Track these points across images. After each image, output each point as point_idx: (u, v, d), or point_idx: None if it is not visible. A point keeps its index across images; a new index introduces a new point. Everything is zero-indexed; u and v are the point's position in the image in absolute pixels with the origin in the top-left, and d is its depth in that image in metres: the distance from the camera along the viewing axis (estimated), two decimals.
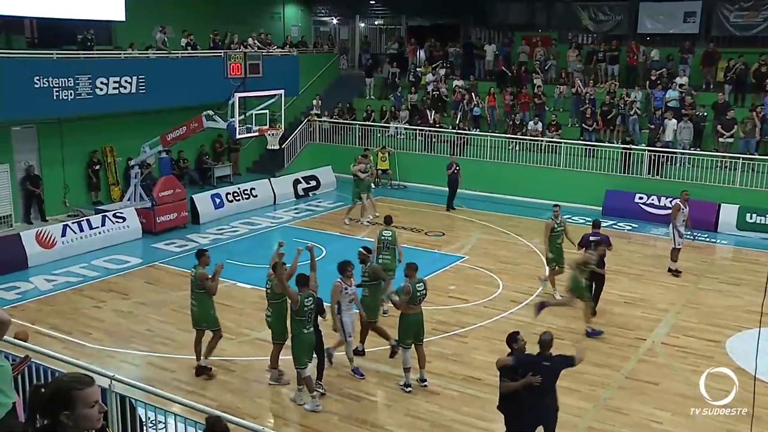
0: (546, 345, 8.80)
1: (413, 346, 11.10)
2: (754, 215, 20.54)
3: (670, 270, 17.01)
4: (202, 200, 21.51)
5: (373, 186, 26.08)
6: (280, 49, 29.18)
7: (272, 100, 19.74)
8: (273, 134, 19.62)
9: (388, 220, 14.61)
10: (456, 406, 10.68)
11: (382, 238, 13.86)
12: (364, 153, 22.97)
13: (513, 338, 9.00)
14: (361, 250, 12.15)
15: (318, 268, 11.21)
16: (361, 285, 11.84)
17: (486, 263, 17.38)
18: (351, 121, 28.57)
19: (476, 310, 14.31)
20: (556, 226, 15.12)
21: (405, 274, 11.11)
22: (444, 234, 20.02)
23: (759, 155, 22.11)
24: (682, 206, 16.76)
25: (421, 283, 11.05)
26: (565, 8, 31.26)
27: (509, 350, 8.93)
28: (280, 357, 11.31)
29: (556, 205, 15.62)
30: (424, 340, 11.40)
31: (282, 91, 20.05)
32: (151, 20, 24.65)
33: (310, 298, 10.37)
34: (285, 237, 19.81)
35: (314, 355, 10.71)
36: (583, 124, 24.94)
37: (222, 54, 20.73)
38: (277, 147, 20.96)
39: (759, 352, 11.31)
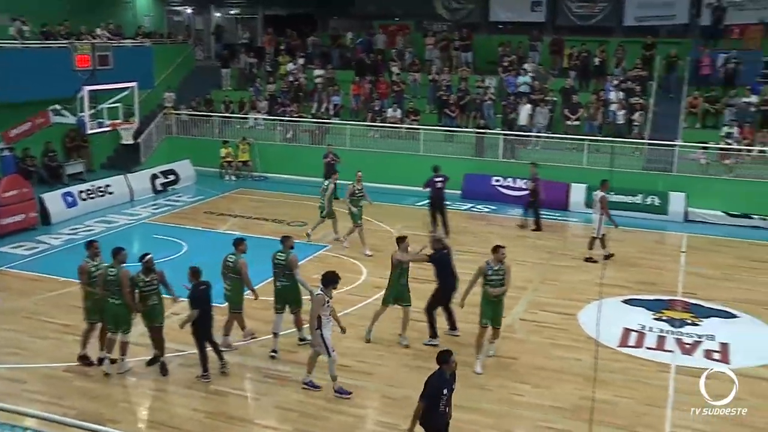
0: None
1: (289, 312, 12.12)
2: None
3: (589, 259, 17.18)
4: (53, 199, 20.41)
5: (234, 179, 25.84)
6: (131, 40, 28.09)
7: (125, 93, 19.07)
8: (126, 128, 18.96)
9: (359, 177, 17.80)
10: (325, 394, 10.71)
11: (357, 191, 17.52)
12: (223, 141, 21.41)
13: (441, 359, 8.46)
14: (149, 258, 11.24)
15: (180, 264, 12.08)
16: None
17: (349, 251, 17.53)
18: (209, 113, 27.97)
19: (341, 298, 14.28)
20: (490, 272, 11.56)
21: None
22: (307, 224, 19.99)
23: (602, 137, 23.43)
24: (607, 197, 17.26)
25: (283, 255, 11.93)
26: None
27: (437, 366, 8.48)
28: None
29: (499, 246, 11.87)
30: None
31: (135, 84, 19.39)
32: None
33: (114, 269, 10.89)
34: (144, 233, 19.32)
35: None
36: (446, 110, 25.55)
37: (68, 45, 19.71)
38: (132, 141, 20.30)
39: (602, 321, 12.15)
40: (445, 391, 8.29)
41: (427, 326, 12.54)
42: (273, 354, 11.88)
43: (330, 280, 10.60)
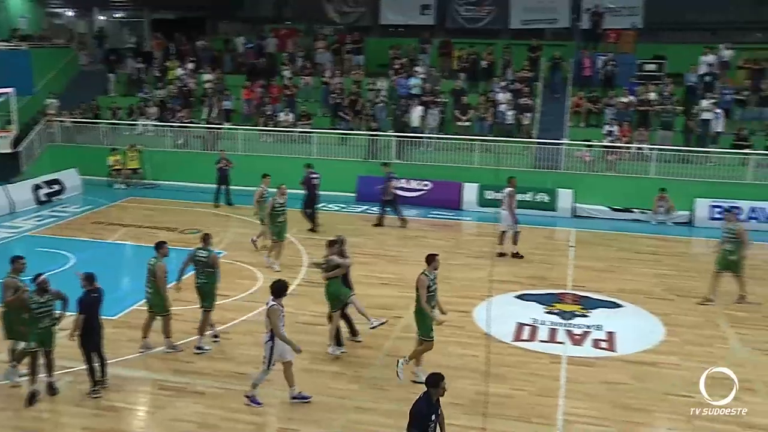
0: None
1: (201, 309, 12.31)
2: (491, 192, 22.33)
3: (513, 255, 17.70)
4: None
5: (125, 187, 25.06)
6: (6, 43, 26.75)
7: (0, 99, 18.15)
8: (3, 136, 18.07)
9: (282, 190, 16.54)
10: (224, 403, 10.53)
11: (277, 205, 16.32)
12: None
13: (433, 382, 7.72)
14: (43, 278, 10.48)
15: (66, 278, 11.52)
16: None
17: (245, 257, 17.26)
18: (95, 120, 27.02)
19: (237, 305, 14.17)
20: (430, 283, 10.98)
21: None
22: (200, 231, 19.57)
23: (492, 137, 24.03)
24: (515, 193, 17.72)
25: (204, 252, 12.25)
26: (312, 1, 31.84)
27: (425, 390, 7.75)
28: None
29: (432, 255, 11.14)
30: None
31: (11, 90, 18.49)
32: None
33: None
34: (27, 247, 18.43)
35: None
36: (340, 113, 25.57)
37: None
38: (10, 150, 19.31)
39: (497, 317, 12.46)
40: (433, 417, 7.65)
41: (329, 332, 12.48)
42: (215, 339, 12.58)
43: (280, 289, 10.37)
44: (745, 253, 14.59)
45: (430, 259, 11.07)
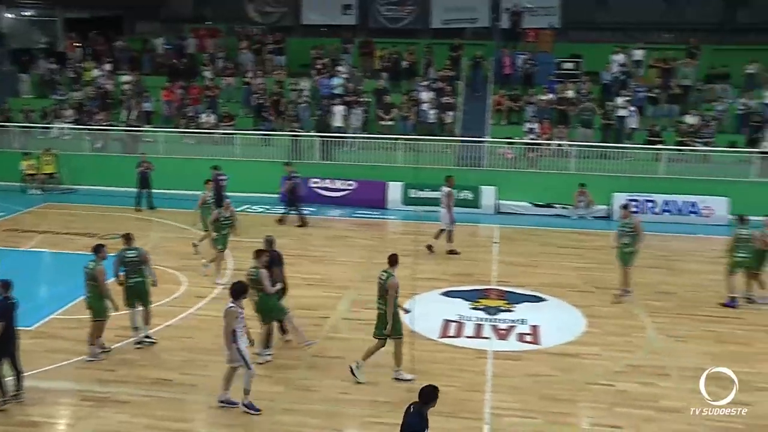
0: None
1: (141, 308, 12.39)
2: (415, 191, 22.53)
3: (449, 252, 17.92)
4: None
5: (40, 192, 24.22)
6: None
7: None
8: None
9: (227, 205, 16.23)
10: (149, 411, 10.31)
11: (222, 219, 15.79)
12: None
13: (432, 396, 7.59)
14: None
15: None
16: None
17: (167, 262, 16.84)
18: (5, 123, 26.05)
19: (161, 310, 13.80)
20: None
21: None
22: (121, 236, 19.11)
23: (416, 135, 24.21)
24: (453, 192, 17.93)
25: (133, 251, 12.35)
26: (232, 0, 31.49)
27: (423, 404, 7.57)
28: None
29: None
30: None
31: None
32: None
33: None
34: None
35: None
36: (263, 114, 25.34)
37: None
38: None
39: (424, 315, 12.55)
40: None
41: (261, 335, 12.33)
42: (138, 347, 12.31)
43: (239, 291, 10.25)
44: (640, 245, 14.87)
45: (395, 259, 11.35)
